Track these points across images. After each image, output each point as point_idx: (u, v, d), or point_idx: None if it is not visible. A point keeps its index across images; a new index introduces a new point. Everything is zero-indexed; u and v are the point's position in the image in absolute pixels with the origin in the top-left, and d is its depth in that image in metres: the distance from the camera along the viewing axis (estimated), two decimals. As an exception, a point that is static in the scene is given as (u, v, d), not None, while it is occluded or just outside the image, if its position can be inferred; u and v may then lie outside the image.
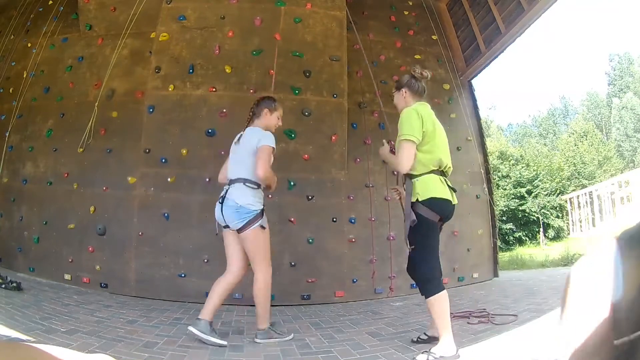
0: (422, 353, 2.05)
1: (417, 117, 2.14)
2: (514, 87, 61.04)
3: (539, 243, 16.04)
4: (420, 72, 2.33)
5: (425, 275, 2.13)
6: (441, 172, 2.22)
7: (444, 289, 2.09)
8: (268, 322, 2.49)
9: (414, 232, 2.13)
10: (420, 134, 2.12)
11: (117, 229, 3.99)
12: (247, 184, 2.42)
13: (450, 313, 2.11)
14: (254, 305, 2.51)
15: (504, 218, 15.71)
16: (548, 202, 16.85)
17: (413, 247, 2.13)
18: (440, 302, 2.07)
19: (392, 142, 2.37)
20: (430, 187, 2.13)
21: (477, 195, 5.02)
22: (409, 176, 2.19)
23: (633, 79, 27.93)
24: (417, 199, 2.13)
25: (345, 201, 4.26)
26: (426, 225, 2.12)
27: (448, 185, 2.23)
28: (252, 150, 2.43)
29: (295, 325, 2.99)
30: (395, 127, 2.22)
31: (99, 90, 4.19)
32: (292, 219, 4.05)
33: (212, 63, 4.17)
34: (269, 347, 2.37)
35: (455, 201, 2.23)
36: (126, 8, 4.24)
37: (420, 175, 2.16)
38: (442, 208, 2.15)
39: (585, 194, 7.71)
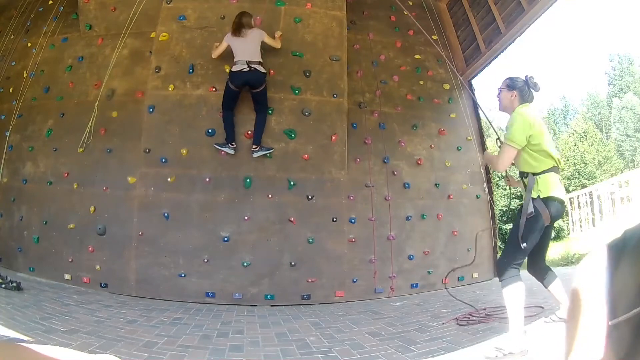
0: (494, 349, 2.11)
1: (523, 123, 2.20)
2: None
3: (539, 243, 15.96)
4: (534, 82, 2.35)
5: (504, 264, 2.23)
6: (558, 170, 2.29)
7: (520, 280, 2.16)
8: None
9: (524, 225, 2.20)
10: (525, 140, 2.18)
11: (117, 229, 3.99)
12: None
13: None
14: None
15: (504, 218, 15.70)
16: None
17: (525, 244, 2.17)
18: (511, 293, 2.14)
19: (511, 177, 2.59)
20: (551, 186, 2.20)
21: (477, 195, 5.01)
22: (532, 174, 2.25)
23: (633, 79, 27.86)
24: (539, 196, 2.19)
25: (345, 201, 4.26)
26: (536, 223, 2.17)
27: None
28: None
29: (295, 325, 2.99)
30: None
31: (99, 90, 4.19)
32: (292, 219, 4.06)
33: (212, 63, 4.17)
34: (269, 347, 2.37)
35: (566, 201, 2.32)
36: (126, 8, 4.24)
37: (542, 172, 2.22)
38: (557, 210, 2.22)
39: (585, 194, 7.73)
